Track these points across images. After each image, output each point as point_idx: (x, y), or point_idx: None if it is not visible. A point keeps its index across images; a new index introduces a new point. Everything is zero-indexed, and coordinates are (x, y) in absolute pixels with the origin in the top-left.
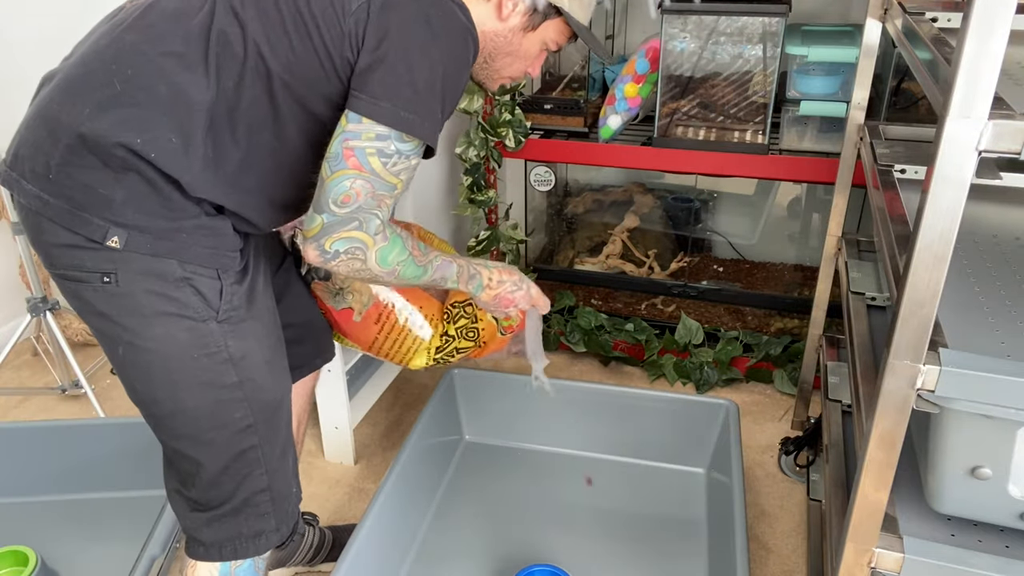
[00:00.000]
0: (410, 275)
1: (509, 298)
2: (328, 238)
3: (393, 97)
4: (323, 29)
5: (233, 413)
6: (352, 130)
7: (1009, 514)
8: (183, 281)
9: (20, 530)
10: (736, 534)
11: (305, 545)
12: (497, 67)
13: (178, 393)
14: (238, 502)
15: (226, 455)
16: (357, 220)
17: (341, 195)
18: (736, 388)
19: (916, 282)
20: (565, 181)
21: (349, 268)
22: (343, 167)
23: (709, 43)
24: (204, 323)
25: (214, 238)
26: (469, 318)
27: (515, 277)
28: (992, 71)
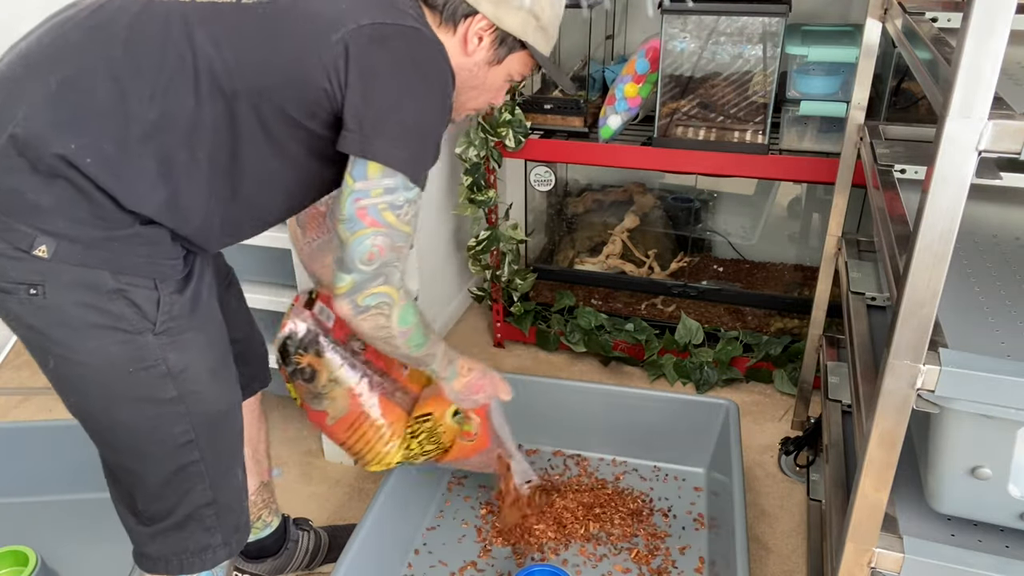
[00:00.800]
0: (415, 342)
1: (478, 384)
2: (360, 294)
3: (390, 139)
4: (300, 56)
5: (172, 428)
6: (360, 188)
7: (1009, 514)
8: (116, 293)
9: (20, 530)
10: (736, 534)
11: (300, 550)
12: (462, 100)
13: (114, 408)
14: (181, 516)
15: (166, 469)
16: (383, 275)
17: (366, 254)
18: (736, 388)
19: (916, 282)
20: (565, 181)
21: (374, 324)
22: (361, 227)
23: (709, 43)
24: (140, 336)
25: (150, 247)
26: (427, 430)
27: (481, 366)
28: (992, 71)
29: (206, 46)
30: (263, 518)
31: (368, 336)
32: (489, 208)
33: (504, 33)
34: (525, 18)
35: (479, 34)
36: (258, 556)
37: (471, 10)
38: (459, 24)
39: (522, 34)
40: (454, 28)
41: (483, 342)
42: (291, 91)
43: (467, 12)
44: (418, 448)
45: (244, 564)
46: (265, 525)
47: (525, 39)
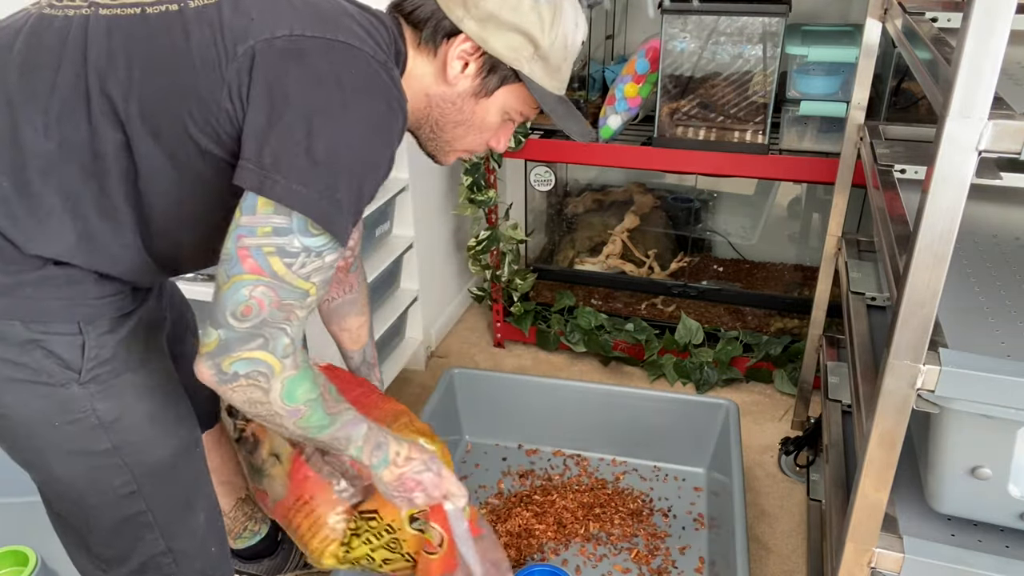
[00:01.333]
0: (315, 423)
1: (415, 479)
2: (226, 358)
3: (286, 170)
4: (198, 73)
5: (111, 480)
6: (246, 224)
7: (1009, 514)
8: (31, 344)
9: (20, 530)
10: (736, 534)
11: (297, 551)
12: (448, 139)
13: (46, 462)
14: (136, 565)
15: (112, 520)
16: (262, 337)
17: (240, 306)
18: (736, 388)
19: (916, 282)
20: (565, 181)
21: (246, 398)
22: (239, 271)
23: (709, 43)
24: (63, 388)
25: (70, 287)
26: (376, 533)
27: (425, 456)
28: (992, 71)
29: (100, 63)
30: (249, 528)
31: (243, 411)
32: (489, 208)
33: (493, 59)
34: (519, 43)
35: (463, 58)
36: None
37: (453, 29)
38: (440, 46)
39: (513, 62)
40: (435, 50)
41: (483, 342)
42: (192, 112)
43: (449, 31)
44: (364, 550)
45: (241, 564)
46: (252, 534)
47: (518, 69)
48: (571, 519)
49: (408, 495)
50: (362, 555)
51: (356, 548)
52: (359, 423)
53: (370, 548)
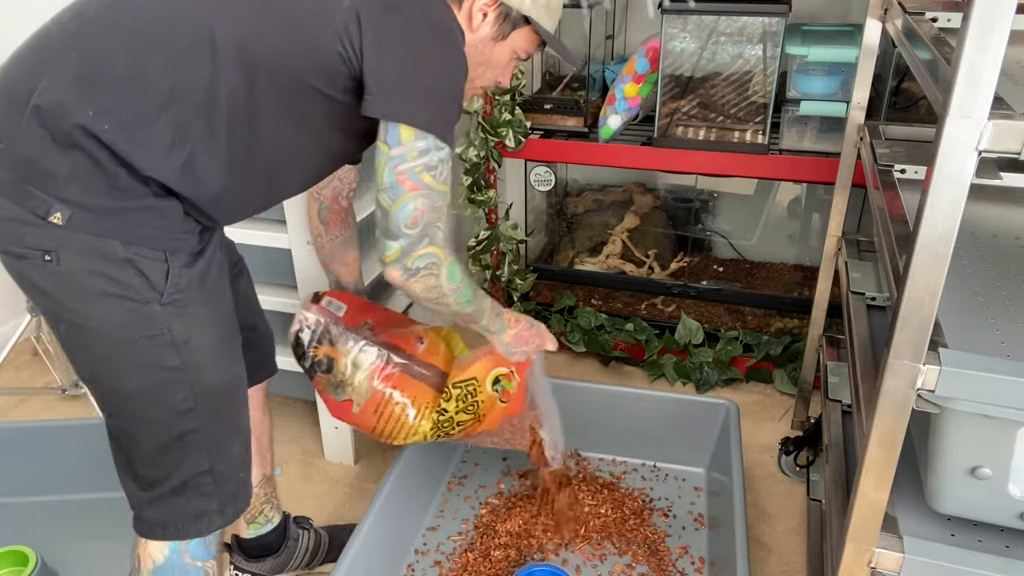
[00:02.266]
0: (466, 298)
1: (526, 334)
2: (409, 257)
3: (416, 102)
4: (313, 22)
5: (174, 395)
6: (397, 155)
7: (1009, 514)
8: (126, 262)
9: (20, 530)
10: (736, 534)
11: (301, 549)
12: (470, 77)
13: (118, 373)
14: (178, 482)
15: (166, 436)
16: (427, 236)
17: (410, 218)
18: (736, 388)
19: (916, 282)
20: (565, 181)
21: (425, 285)
22: (402, 193)
23: (709, 43)
24: (147, 305)
25: (163, 219)
26: (468, 393)
27: (526, 318)
28: (992, 71)
29: (220, 15)
30: (265, 513)
31: (420, 298)
32: (489, 208)
33: (508, 8)
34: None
35: (483, 10)
36: (259, 554)
37: None
38: (464, 1)
39: (524, 9)
40: (460, 4)
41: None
42: (307, 58)
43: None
44: (453, 415)
45: (244, 563)
46: (267, 520)
47: (528, 14)
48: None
49: (524, 348)
50: (451, 422)
51: (448, 415)
52: (485, 297)
53: (456, 416)
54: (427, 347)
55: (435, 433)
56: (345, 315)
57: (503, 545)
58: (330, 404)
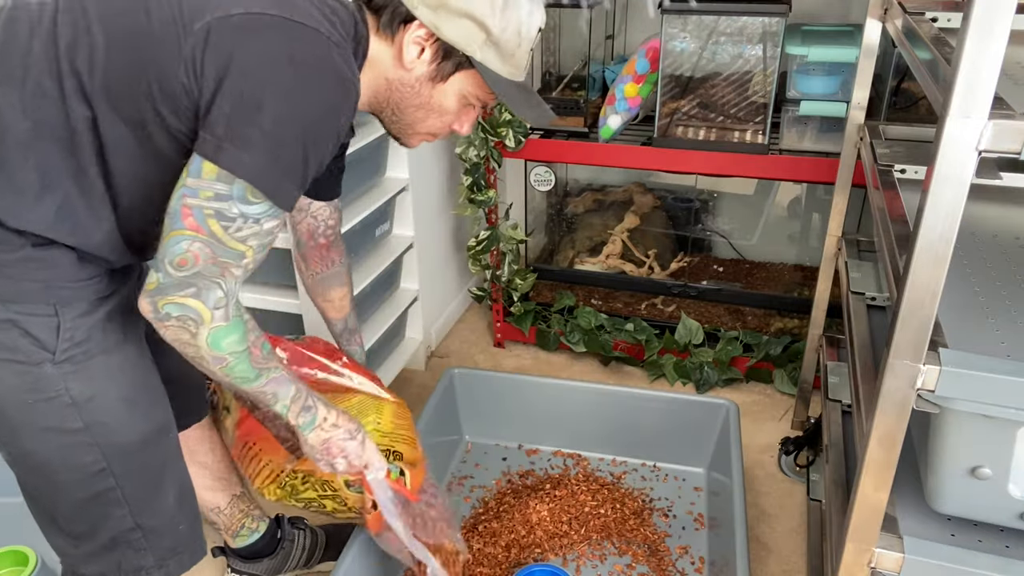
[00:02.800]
0: (239, 374)
1: (339, 445)
2: (161, 298)
3: (236, 140)
4: (158, 48)
5: (83, 457)
6: (191, 185)
7: (1009, 514)
8: (7, 323)
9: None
10: (736, 534)
11: (297, 549)
12: (408, 121)
13: (18, 438)
14: (106, 540)
15: (80, 496)
16: (195, 287)
17: (177, 257)
18: (736, 388)
19: (916, 282)
20: (565, 181)
21: (175, 337)
22: (180, 226)
23: (709, 43)
24: (38, 367)
25: (47, 270)
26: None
27: (351, 426)
28: (992, 71)
29: (69, 41)
30: (247, 525)
31: (177, 349)
32: (489, 208)
33: (447, 45)
34: (469, 30)
35: (418, 43)
36: (254, 557)
37: (409, 15)
38: (397, 31)
39: (466, 48)
40: (392, 36)
41: (483, 342)
42: (153, 87)
43: (404, 18)
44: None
45: (240, 565)
46: (251, 532)
47: (470, 55)
48: (571, 519)
49: (331, 460)
50: (311, 499)
51: (304, 491)
52: (287, 383)
53: (317, 495)
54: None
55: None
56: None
57: (503, 545)
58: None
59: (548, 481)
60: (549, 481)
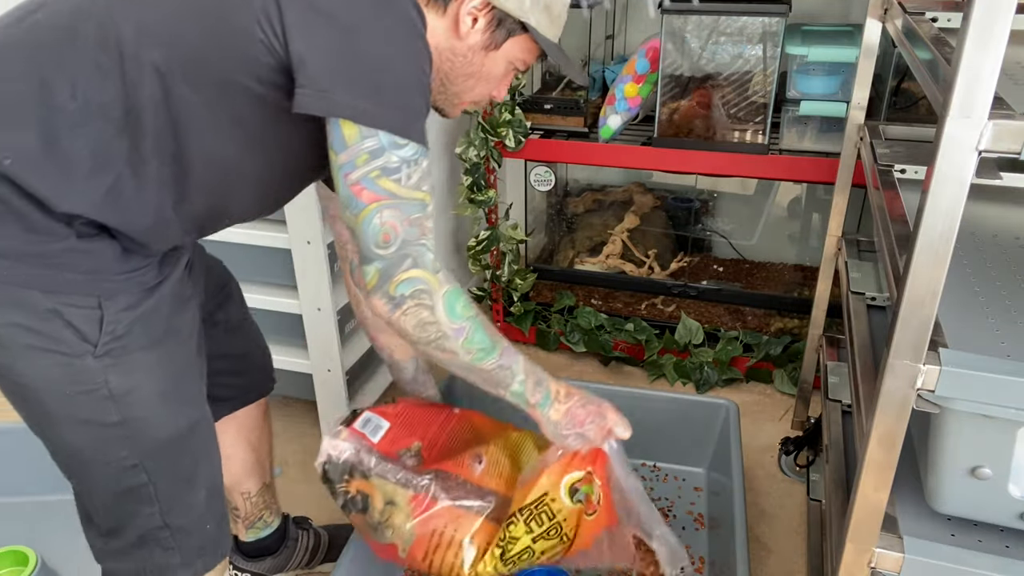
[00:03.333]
0: (478, 343)
1: (581, 413)
2: (389, 283)
3: (353, 89)
4: (228, 10)
5: (117, 452)
6: (344, 160)
7: (1009, 514)
8: (51, 313)
9: (20, 530)
10: (736, 534)
11: (300, 549)
12: (457, 91)
13: (56, 429)
14: (134, 537)
15: (113, 491)
16: (410, 257)
17: (380, 235)
18: (736, 388)
19: (916, 282)
20: (565, 181)
21: (417, 321)
22: (361, 206)
23: (709, 43)
24: (79, 359)
25: (92, 262)
26: (542, 514)
27: (583, 392)
28: (992, 71)
29: (125, 13)
30: (264, 518)
31: (417, 341)
32: (489, 208)
33: (501, 13)
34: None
35: (472, 14)
36: (258, 555)
37: None
38: (450, 3)
39: (521, 14)
40: (444, 7)
41: None
42: (227, 52)
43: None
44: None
45: (243, 563)
46: (266, 525)
47: (526, 20)
48: None
49: (580, 429)
50: (522, 548)
51: (516, 543)
52: (515, 354)
53: (531, 538)
54: (486, 467)
55: (512, 568)
56: (384, 437)
57: None
58: (374, 547)
59: None
60: None
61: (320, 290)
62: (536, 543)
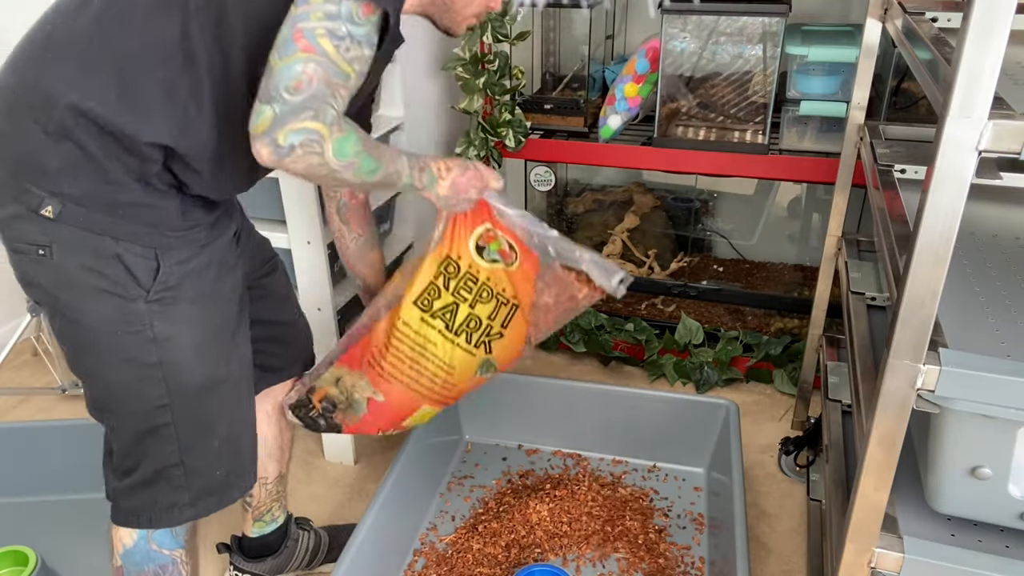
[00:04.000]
0: (366, 168)
1: (462, 180)
2: (281, 130)
3: None
4: None
5: (151, 390)
6: (301, 12)
7: (1009, 514)
8: (115, 258)
9: (20, 530)
10: (736, 534)
11: (300, 549)
12: (457, 8)
13: (102, 366)
14: (150, 473)
15: (140, 427)
16: (312, 110)
17: (293, 80)
18: (736, 388)
19: (916, 282)
20: (565, 181)
21: (306, 164)
22: (293, 50)
23: (709, 43)
24: (132, 302)
25: (154, 215)
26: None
27: (459, 160)
28: (992, 71)
29: None
30: (272, 511)
31: (308, 177)
32: None
33: None
34: None
35: None
36: (259, 554)
37: None
38: None
39: None
40: None
41: None
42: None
43: None
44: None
45: (244, 563)
46: (272, 519)
47: None
48: (571, 519)
49: (465, 195)
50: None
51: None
52: (398, 156)
53: (467, 305)
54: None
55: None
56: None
57: (503, 545)
58: (365, 426)
59: (548, 481)
60: (549, 481)
61: (320, 290)
62: (476, 308)
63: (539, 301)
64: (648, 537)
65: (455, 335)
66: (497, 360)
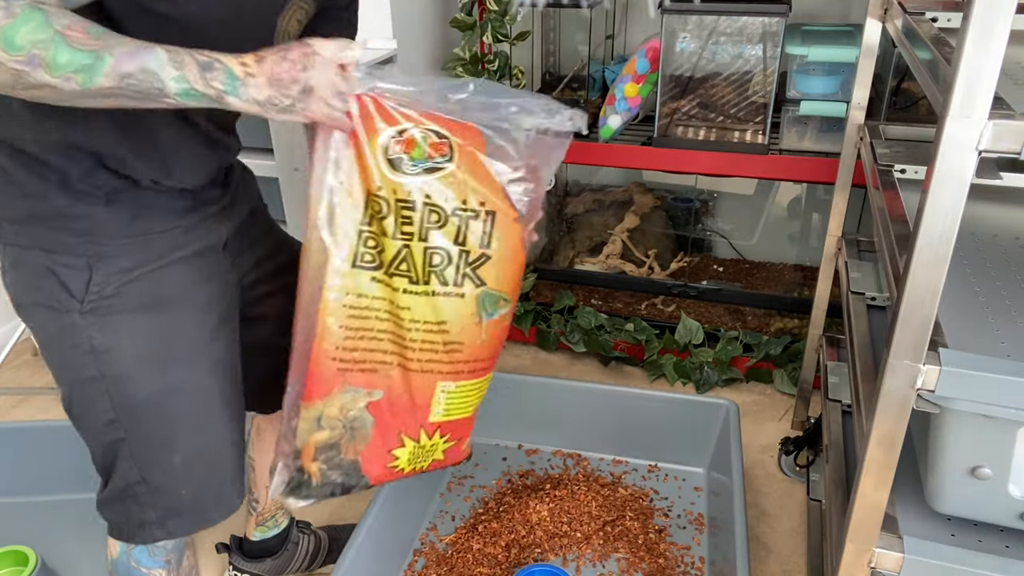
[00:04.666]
0: (69, 66)
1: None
2: None
3: None
4: None
5: (96, 405)
6: None
7: (1009, 514)
8: (48, 271)
9: (20, 530)
10: (736, 534)
11: (300, 552)
12: None
13: (60, 382)
14: (120, 486)
15: (101, 441)
16: None
17: None
18: (736, 388)
19: (916, 282)
20: (565, 181)
21: None
22: None
23: (709, 43)
24: (67, 315)
25: (84, 225)
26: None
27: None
28: (992, 71)
29: None
30: (276, 517)
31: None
32: None
33: None
34: None
35: None
36: (259, 556)
37: None
38: None
39: None
40: None
41: None
42: None
43: None
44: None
45: (244, 563)
46: (275, 525)
47: None
48: (571, 519)
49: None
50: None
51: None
52: (143, 48)
53: (420, 238)
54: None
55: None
56: None
57: (503, 545)
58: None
59: (548, 481)
60: (549, 481)
61: None
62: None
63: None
64: (648, 537)
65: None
66: (497, 287)
